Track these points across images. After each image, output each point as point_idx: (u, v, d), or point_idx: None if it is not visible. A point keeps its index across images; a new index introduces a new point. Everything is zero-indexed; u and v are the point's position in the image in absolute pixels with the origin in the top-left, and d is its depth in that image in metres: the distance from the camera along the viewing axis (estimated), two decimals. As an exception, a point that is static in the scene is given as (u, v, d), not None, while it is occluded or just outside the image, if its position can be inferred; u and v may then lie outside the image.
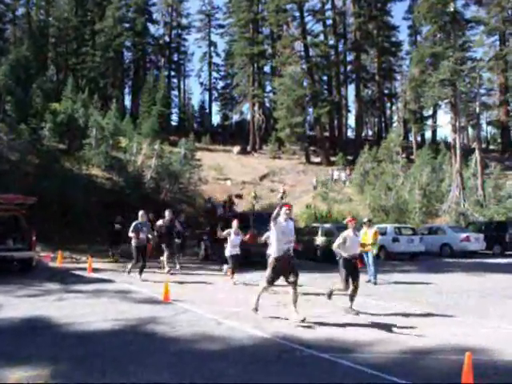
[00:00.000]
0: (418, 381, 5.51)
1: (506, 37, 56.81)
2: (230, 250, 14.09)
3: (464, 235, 25.87)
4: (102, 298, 11.09)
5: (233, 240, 14.10)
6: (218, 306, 10.28)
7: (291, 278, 8.79)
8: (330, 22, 59.80)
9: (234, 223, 14.41)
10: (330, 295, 10.23)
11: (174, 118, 68.67)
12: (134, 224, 14.43)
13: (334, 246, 9.98)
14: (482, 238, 26.09)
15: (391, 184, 37.52)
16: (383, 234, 23.72)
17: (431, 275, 17.09)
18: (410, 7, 61.66)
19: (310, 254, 21.64)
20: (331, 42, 59.70)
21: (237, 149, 53.12)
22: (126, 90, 66.57)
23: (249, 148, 56.07)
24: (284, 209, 8.97)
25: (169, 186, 31.65)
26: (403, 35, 68.25)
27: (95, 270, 16.23)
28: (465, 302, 11.45)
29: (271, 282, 9.07)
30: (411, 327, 8.38)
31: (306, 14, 55.72)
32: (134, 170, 31.90)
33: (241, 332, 7.94)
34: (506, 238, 26.70)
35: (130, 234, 14.33)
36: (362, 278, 14.90)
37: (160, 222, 16.52)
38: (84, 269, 16.53)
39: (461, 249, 25.33)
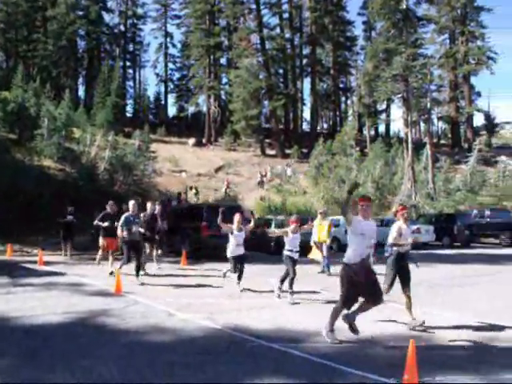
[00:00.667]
0: (365, 368, 5.66)
1: (456, 35, 58.29)
2: (232, 250, 11.62)
3: (415, 227, 26.45)
4: (52, 291, 10.93)
5: (236, 237, 11.63)
6: (170, 297, 10.27)
7: (372, 299, 7.01)
8: (286, 15, 60.09)
9: (236, 218, 11.86)
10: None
11: (129, 109, 67.76)
12: (124, 217, 12.41)
13: (390, 242, 8.39)
14: (432, 230, 26.79)
15: (345, 177, 38.03)
16: (337, 226, 24.06)
17: (382, 266, 17.43)
18: (364, 3, 62.32)
19: (264, 246, 21.79)
20: (287, 36, 59.92)
21: (192, 141, 52.81)
22: (80, 80, 65.15)
23: (204, 140, 55.82)
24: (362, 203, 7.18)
25: (123, 177, 31.25)
26: (358, 30, 69.45)
27: (46, 263, 15.93)
28: (414, 291, 11.74)
29: (347, 302, 6.99)
30: (359, 317, 8.57)
31: (262, 7, 55.87)
32: (88, 161, 31.35)
33: (192, 323, 7.98)
34: (454, 230, 27.50)
35: (120, 232, 12.36)
36: (316, 268, 15.22)
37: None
38: (35, 262, 16.21)
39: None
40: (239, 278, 11.46)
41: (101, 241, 14.43)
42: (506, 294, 11.49)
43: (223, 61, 64.16)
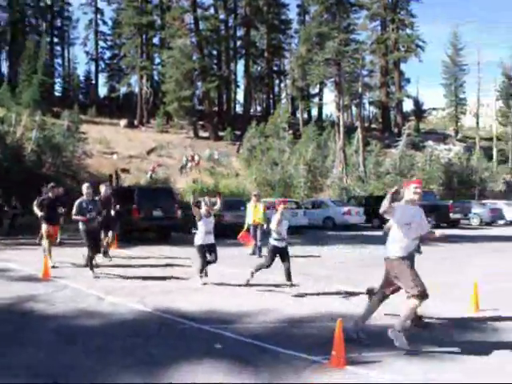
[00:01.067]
0: (295, 347, 5.76)
1: (387, 23, 59.67)
2: (201, 238, 9.98)
3: (345, 209, 27.13)
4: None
5: (206, 223, 10.05)
6: (100, 281, 10.08)
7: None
8: (220, -5, 59.52)
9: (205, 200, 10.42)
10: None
11: (58, 88, 65.50)
12: (78, 203, 10.93)
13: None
14: (362, 212, 27.49)
15: (277, 159, 38.39)
16: (268, 207, 24.27)
17: (313, 247, 17.79)
18: (298, -14, 62.77)
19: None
20: (221, 17, 59.55)
21: (124, 122, 51.74)
22: (3, 56, 62.29)
23: (136, 122, 54.79)
24: (412, 186, 6.21)
25: (51, 159, 30.25)
26: (293, 14, 69.62)
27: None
28: (343, 271, 12.07)
29: (424, 292, 5.80)
30: (288, 297, 8.72)
31: (196, -14, 55.04)
32: (13, 141, 30.09)
33: (122, 307, 7.86)
34: (383, 212, 28.32)
35: (75, 217, 10.90)
36: (247, 250, 15.31)
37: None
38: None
39: (342, 222, 26.55)
40: (202, 270, 9.89)
41: (45, 228, 12.44)
42: (432, 272, 11.92)
43: (156, 40, 62.82)
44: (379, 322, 7.14)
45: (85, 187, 11.29)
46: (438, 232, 6.78)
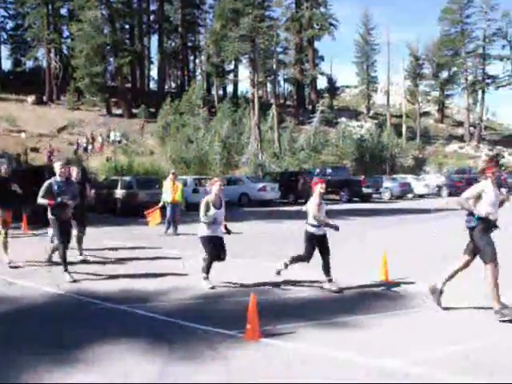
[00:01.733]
0: (210, 323, 5.79)
1: (301, 1, 60.16)
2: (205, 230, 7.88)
3: (261, 185, 27.42)
4: None
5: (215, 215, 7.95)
6: (7, 265, 9.64)
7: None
8: (132, -33, 57.64)
9: (216, 187, 8.04)
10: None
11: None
12: (48, 183, 8.67)
13: (463, 200, 6.29)
14: (277, 188, 27.89)
15: (192, 136, 38.14)
16: (184, 185, 24.14)
17: (229, 224, 17.85)
18: (212, -41, 61.87)
19: (109, 206, 21.30)
20: (134, -11, 57.76)
21: (32, 98, 49.50)
22: None
23: (45, 98, 52.53)
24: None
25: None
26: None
27: None
28: (255, 246, 12.25)
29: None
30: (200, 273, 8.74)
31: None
32: None
33: (34, 290, 7.61)
34: (298, 187, 28.89)
35: (41, 200, 8.64)
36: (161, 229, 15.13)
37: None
38: None
39: (258, 198, 26.83)
40: (208, 270, 7.81)
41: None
42: (344, 246, 12.31)
43: (64, 12, 60.04)
44: (294, 294, 7.33)
45: (58, 165, 8.99)
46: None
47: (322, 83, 71.28)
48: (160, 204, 15.34)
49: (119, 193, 21.56)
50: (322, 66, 66.52)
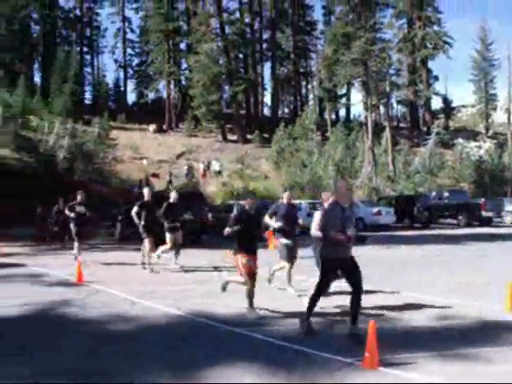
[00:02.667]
0: (327, 349, 5.73)
1: (413, 20, 58.95)
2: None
3: (375, 209, 26.91)
4: (11, 283, 10.69)
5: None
6: (133, 285, 10.18)
7: None
8: (245, -1, 59.69)
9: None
10: None
11: (88, 96, 66.44)
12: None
13: None
14: (392, 212, 27.23)
15: (306, 161, 38.30)
16: (298, 209, 24.21)
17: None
18: (323, -13, 62.53)
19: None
20: (247, 20, 59.55)
21: (153, 127, 52.26)
22: (36, 66, 63.52)
23: (165, 126, 55.27)
24: None
25: (83, 166, 30.76)
26: (318, 15, 69.45)
27: (5, 255, 15.59)
28: (373, 272, 11.96)
29: None
30: (322, 299, 8.67)
31: (221, -9, 55.27)
32: (46, 150, 30.73)
33: (156, 311, 7.94)
34: (414, 212, 28.04)
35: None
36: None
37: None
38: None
39: (373, 222, 26.32)
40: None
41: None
42: (464, 272, 11.77)
43: (183, 46, 63.35)
44: (414, 323, 7.09)
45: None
46: None
47: (436, 103, 69.07)
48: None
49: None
50: (436, 86, 64.45)
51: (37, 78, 62.60)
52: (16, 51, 54.17)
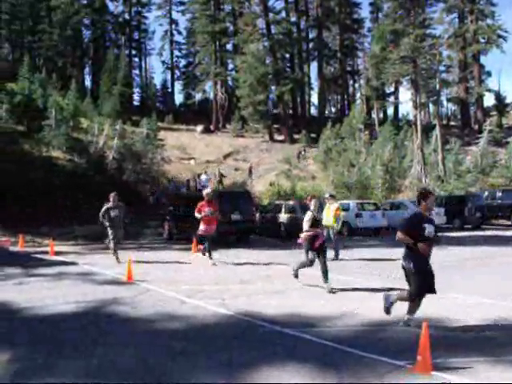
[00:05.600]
0: (377, 351, 5.62)
1: (465, 14, 57.45)
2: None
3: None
4: (63, 281, 10.95)
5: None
6: (181, 285, 10.24)
7: None
8: (291, -2, 59.54)
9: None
10: None
11: (136, 97, 67.68)
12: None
13: None
14: (442, 213, 26.59)
15: (354, 160, 37.87)
16: (346, 209, 23.99)
17: (394, 250, 17.35)
18: (371, -16, 61.76)
19: (274, 230, 21.83)
20: (293, 19, 59.45)
21: (200, 128, 52.73)
22: (86, 70, 65.18)
23: (212, 127, 55.71)
24: None
25: (131, 166, 31.29)
26: (365, 12, 69.00)
27: (58, 253, 15.99)
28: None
29: None
30: (371, 300, 8.53)
31: (267, -9, 55.29)
32: (96, 151, 31.45)
33: (204, 310, 7.96)
34: (465, 212, 27.31)
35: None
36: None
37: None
38: (46, 252, 16.27)
39: (422, 223, 25.74)
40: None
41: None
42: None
43: (229, 47, 63.78)
44: (464, 326, 6.87)
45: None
46: None
47: (489, 100, 67.48)
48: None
49: (283, 217, 21.96)
50: (488, 82, 62.73)
51: (87, 82, 64.29)
52: (68, 56, 55.78)
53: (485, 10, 55.74)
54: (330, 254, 15.02)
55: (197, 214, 13.73)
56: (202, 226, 13.79)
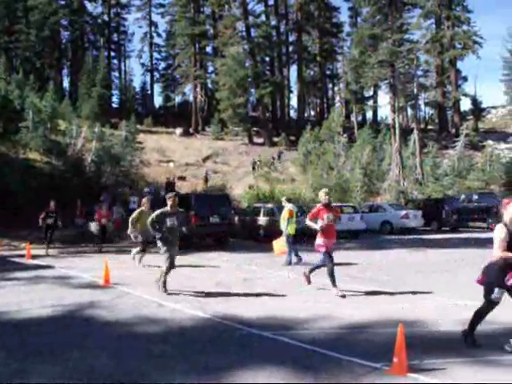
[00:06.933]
0: (355, 354, 5.66)
1: (442, 20, 58.16)
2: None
3: (403, 212, 26.58)
4: (40, 285, 10.83)
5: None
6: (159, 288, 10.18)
7: None
8: (271, 2, 59.72)
9: None
10: None
11: (115, 100, 67.34)
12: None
13: None
14: (420, 215, 26.87)
15: (333, 163, 38.08)
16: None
17: (372, 252, 17.51)
18: (349, -12, 62.21)
19: (253, 233, 21.89)
20: (273, 23, 59.55)
21: (179, 130, 52.57)
22: (65, 71, 64.60)
23: (191, 130, 55.57)
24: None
25: (110, 169, 31.04)
26: (344, 17, 69.31)
27: (34, 257, 15.81)
28: (403, 276, 11.82)
29: None
30: (350, 303, 8.59)
31: (247, -6, 55.36)
32: (74, 153, 31.11)
33: (182, 313, 7.94)
34: (442, 215, 27.64)
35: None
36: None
37: None
38: (23, 255, 16.09)
39: (400, 226, 26.02)
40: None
41: None
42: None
43: (209, 49, 63.72)
44: (442, 328, 6.95)
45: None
46: None
47: (465, 105, 68.36)
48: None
49: (262, 220, 22.02)
50: (465, 87, 63.54)
51: (65, 83, 63.72)
52: (46, 57, 55.17)
53: (461, 16, 56.45)
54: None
55: None
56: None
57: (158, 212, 9.77)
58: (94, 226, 19.35)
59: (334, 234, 9.55)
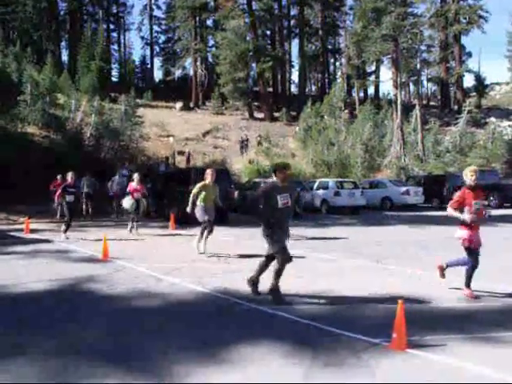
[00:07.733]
0: (353, 329, 5.61)
1: (447, -7, 57.34)
2: None
3: (404, 189, 26.54)
4: (38, 259, 10.78)
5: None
6: (158, 262, 10.17)
7: None
8: (273, -26, 58.71)
9: None
10: None
11: (115, 73, 66.62)
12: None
13: None
14: (421, 192, 26.82)
15: (334, 139, 37.91)
16: (325, 188, 24.07)
17: (371, 228, 17.48)
18: (352, -39, 61.15)
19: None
20: (275, -4, 58.75)
21: (179, 105, 52.20)
22: (63, 44, 63.87)
23: (192, 104, 55.19)
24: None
25: (109, 143, 30.87)
26: (347, -11, 67.88)
27: (33, 231, 15.78)
28: (402, 252, 11.78)
29: None
30: (350, 279, 8.55)
31: (248, -34, 54.48)
32: (73, 127, 30.92)
33: (181, 288, 7.88)
34: (443, 192, 27.55)
35: None
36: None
37: None
38: (21, 230, 16.05)
39: (401, 202, 25.97)
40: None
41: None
42: (494, 255, 11.47)
43: (209, 23, 62.96)
44: (444, 304, 6.90)
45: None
46: None
47: (468, 81, 67.72)
48: None
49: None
50: (469, 63, 62.92)
51: (64, 56, 63.06)
52: (44, 29, 54.45)
53: (466, -12, 55.68)
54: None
55: None
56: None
57: (266, 186, 7.38)
58: (127, 202, 16.16)
59: (478, 224, 7.67)
